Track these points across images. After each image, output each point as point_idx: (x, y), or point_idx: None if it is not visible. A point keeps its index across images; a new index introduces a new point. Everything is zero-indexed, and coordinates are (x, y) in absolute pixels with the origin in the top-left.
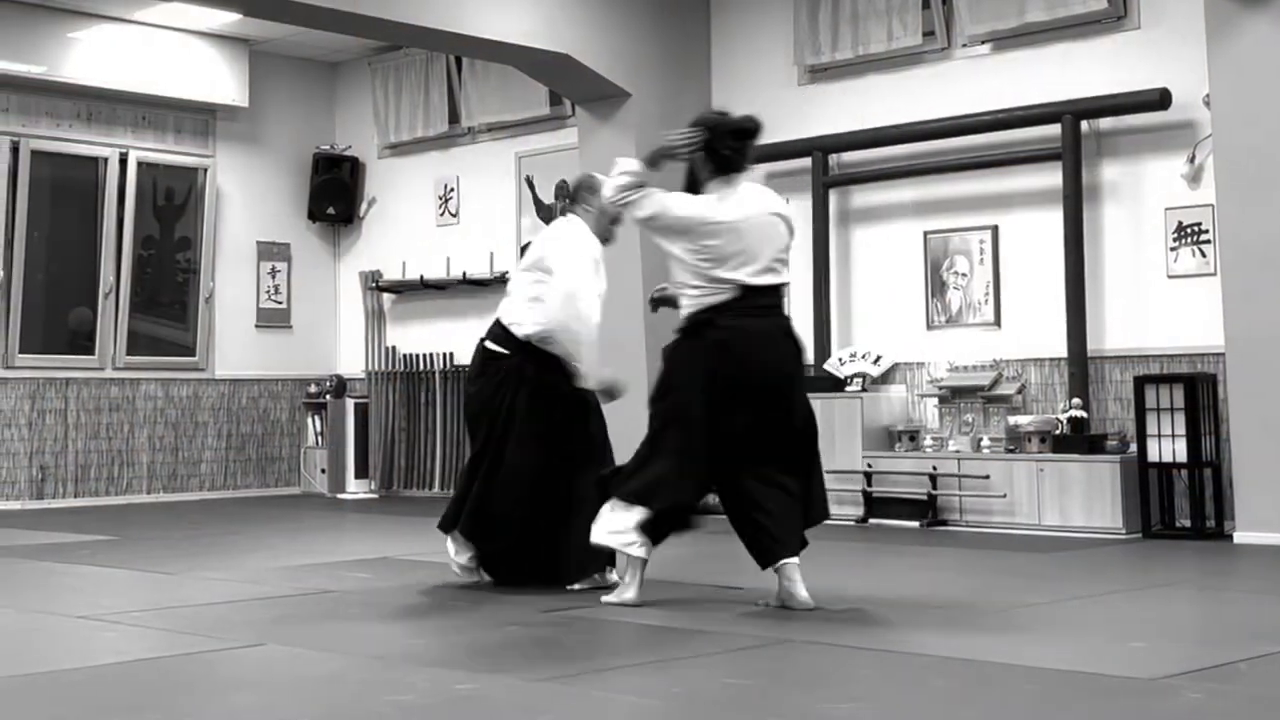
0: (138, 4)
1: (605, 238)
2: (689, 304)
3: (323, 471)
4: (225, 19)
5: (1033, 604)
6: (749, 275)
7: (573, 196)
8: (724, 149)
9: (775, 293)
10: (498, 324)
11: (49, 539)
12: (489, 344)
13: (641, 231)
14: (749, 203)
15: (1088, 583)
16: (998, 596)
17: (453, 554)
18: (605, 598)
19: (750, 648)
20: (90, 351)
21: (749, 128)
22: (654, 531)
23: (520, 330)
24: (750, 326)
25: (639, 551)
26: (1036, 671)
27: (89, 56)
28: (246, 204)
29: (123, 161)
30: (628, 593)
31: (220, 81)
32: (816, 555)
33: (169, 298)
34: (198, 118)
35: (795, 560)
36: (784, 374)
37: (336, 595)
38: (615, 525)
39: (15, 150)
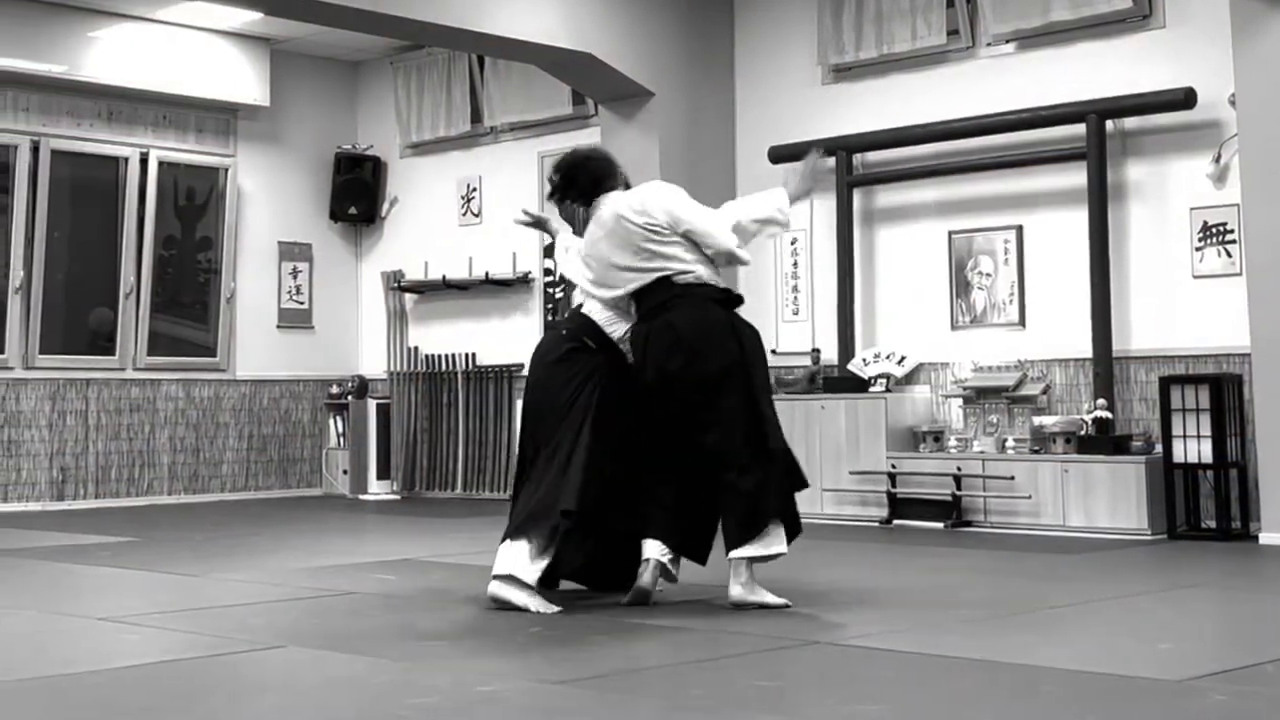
0: (159, 3)
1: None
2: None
3: (344, 473)
4: (246, 18)
5: (1058, 605)
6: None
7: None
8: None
9: (655, 291)
10: (583, 318)
11: (69, 540)
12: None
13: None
14: (600, 220)
15: (1113, 584)
16: (1023, 598)
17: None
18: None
19: (773, 649)
20: (111, 352)
21: (560, 165)
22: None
23: (616, 332)
24: (643, 331)
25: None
26: (1062, 673)
27: (110, 55)
28: (268, 204)
29: (144, 161)
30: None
31: (242, 81)
32: (842, 556)
33: (190, 298)
34: (219, 117)
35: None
36: (666, 373)
37: (358, 597)
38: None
39: (36, 150)
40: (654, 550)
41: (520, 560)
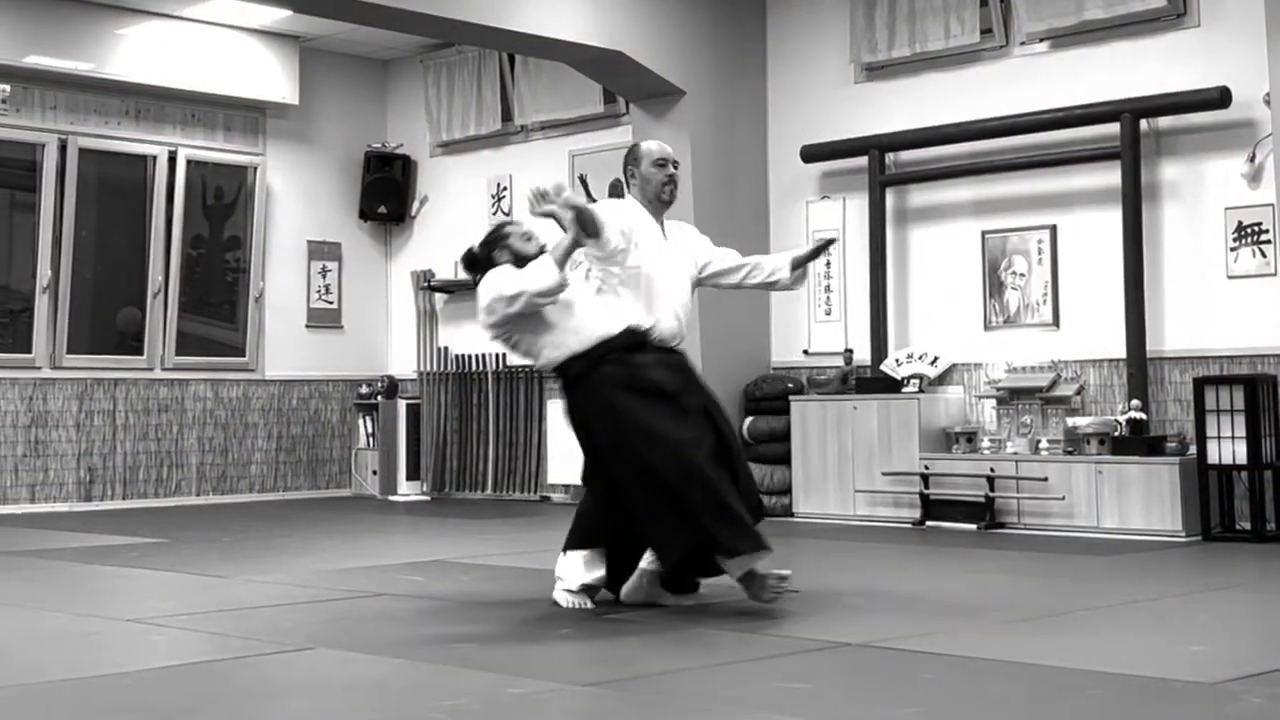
0: (186, 0)
1: None
2: None
3: (374, 473)
4: (276, 16)
5: (1092, 607)
6: None
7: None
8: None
9: None
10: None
11: (97, 541)
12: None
13: None
14: None
15: (1147, 586)
16: (1057, 600)
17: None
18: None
19: (808, 651)
20: (139, 352)
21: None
22: None
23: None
24: None
25: None
26: (1099, 675)
27: (137, 53)
28: (297, 203)
29: (171, 160)
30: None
31: (270, 79)
32: (875, 557)
33: (218, 297)
34: (248, 115)
35: None
36: None
37: (388, 598)
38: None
39: (63, 148)
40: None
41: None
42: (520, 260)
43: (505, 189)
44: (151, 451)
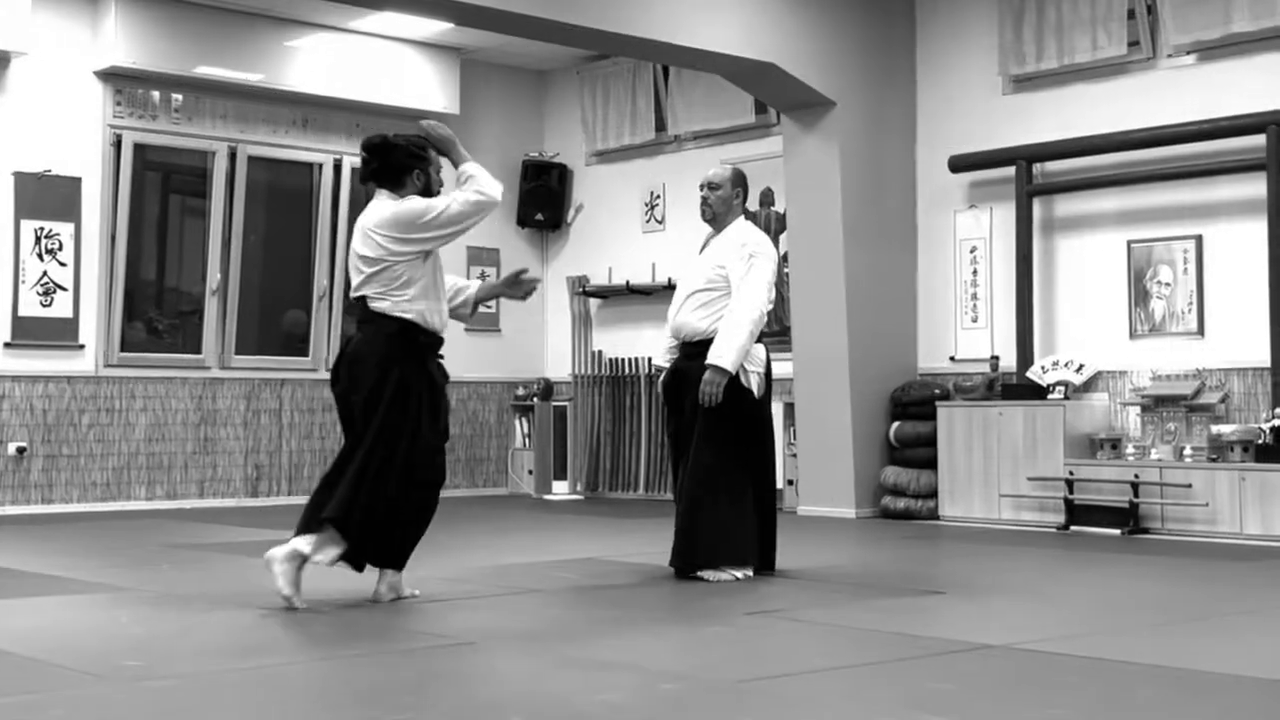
0: (353, 13)
1: None
2: None
3: (529, 473)
4: (437, 28)
5: (1237, 612)
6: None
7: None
8: None
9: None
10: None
11: (263, 536)
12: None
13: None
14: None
15: None
16: (1202, 604)
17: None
18: None
19: (951, 653)
20: (304, 353)
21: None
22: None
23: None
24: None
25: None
26: (1245, 680)
27: (306, 65)
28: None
29: (337, 168)
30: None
31: (432, 89)
32: (1019, 561)
33: None
34: (410, 125)
35: None
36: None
37: (542, 594)
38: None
39: (233, 156)
40: None
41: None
42: (426, 191)
43: (658, 197)
44: (315, 450)
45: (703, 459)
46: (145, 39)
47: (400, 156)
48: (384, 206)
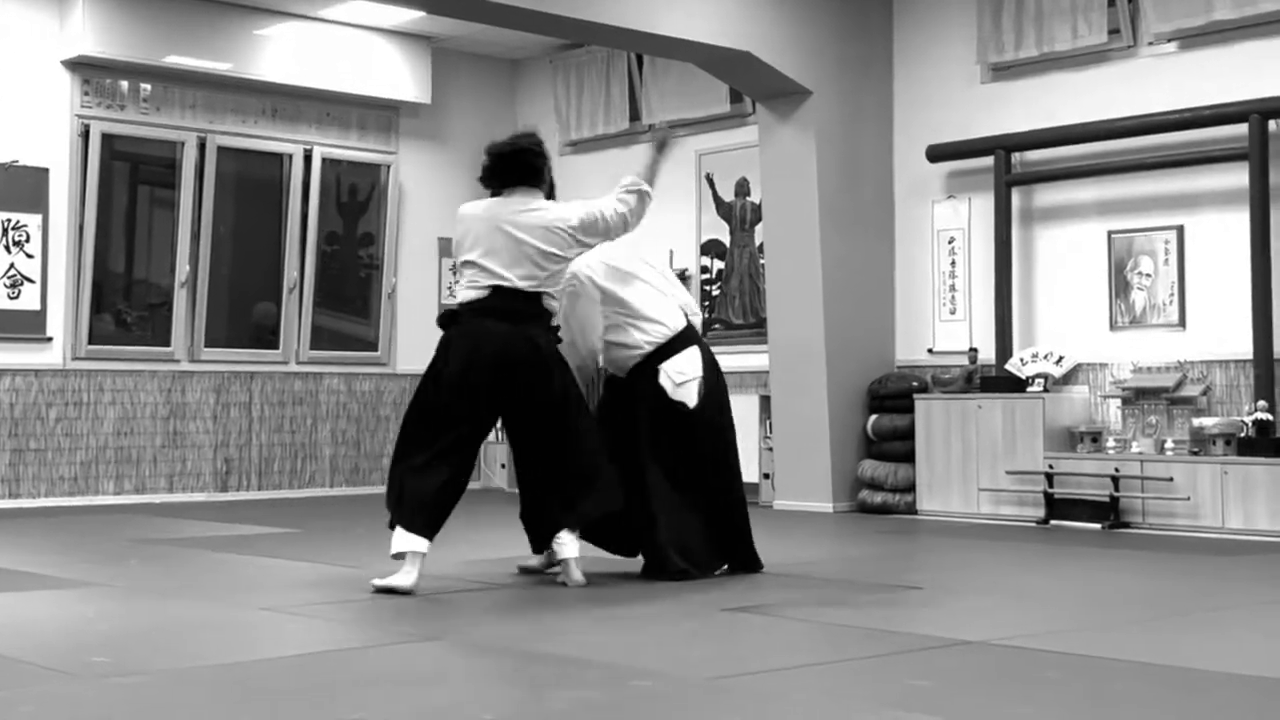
0: (323, 2)
1: None
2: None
3: (502, 466)
4: (408, 16)
5: (1219, 607)
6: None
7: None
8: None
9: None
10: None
11: (232, 531)
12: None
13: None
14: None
15: (1274, 587)
16: (1183, 599)
17: None
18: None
19: (929, 648)
20: (274, 346)
21: (490, 152)
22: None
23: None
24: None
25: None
26: (1228, 677)
27: (275, 54)
28: (428, 200)
29: (307, 158)
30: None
31: (403, 79)
32: (999, 555)
33: (352, 293)
34: (381, 114)
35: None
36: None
37: (514, 590)
38: None
39: (202, 147)
40: None
41: None
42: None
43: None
44: (286, 444)
45: (651, 479)
46: (113, 28)
47: (541, 157)
48: (549, 206)
